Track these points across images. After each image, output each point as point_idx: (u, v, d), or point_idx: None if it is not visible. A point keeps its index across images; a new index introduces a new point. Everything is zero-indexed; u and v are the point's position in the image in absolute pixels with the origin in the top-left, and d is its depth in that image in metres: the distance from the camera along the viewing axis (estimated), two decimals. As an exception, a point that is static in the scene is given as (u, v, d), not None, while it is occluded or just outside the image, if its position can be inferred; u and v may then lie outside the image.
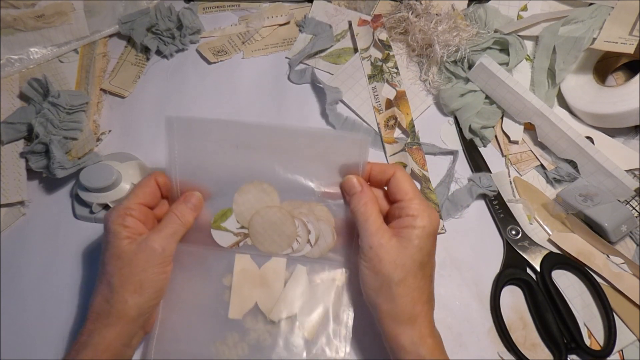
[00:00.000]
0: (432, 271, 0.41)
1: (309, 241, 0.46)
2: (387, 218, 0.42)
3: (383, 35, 0.62)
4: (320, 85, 0.59)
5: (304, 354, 0.43)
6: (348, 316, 0.44)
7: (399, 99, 0.58)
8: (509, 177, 0.55)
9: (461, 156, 0.56)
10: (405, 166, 0.54)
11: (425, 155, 0.56)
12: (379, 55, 0.61)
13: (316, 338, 0.43)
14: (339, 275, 0.45)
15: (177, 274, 0.44)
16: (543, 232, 0.52)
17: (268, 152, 0.46)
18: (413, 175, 0.54)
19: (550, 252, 0.49)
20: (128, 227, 0.40)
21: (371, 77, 0.60)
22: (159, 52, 0.64)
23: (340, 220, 0.45)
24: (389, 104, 0.58)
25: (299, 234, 0.46)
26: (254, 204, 0.46)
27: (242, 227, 0.47)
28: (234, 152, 0.46)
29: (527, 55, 0.59)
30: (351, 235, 0.45)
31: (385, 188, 0.44)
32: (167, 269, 0.41)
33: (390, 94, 0.59)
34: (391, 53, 0.61)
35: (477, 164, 0.55)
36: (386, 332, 0.39)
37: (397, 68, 0.60)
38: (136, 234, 0.41)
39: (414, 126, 0.57)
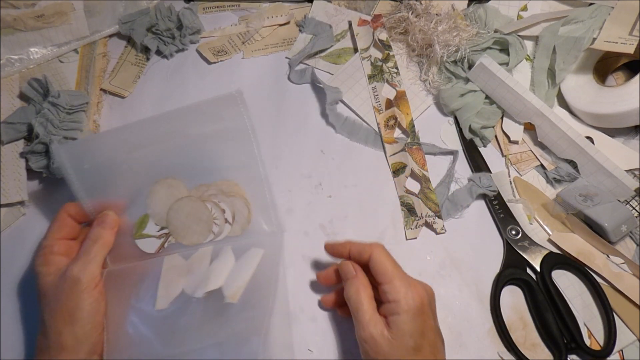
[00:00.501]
0: (431, 348, 0.39)
1: (226, 220, 0.46)
2: (379, 301, 0.42)
3: (383, 35, 0.61)
4: (321, 85, 0.59)
5: (231, 318, 0.43)
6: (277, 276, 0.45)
7: (399, 99, 0.58)
8: (509, 177, 0.55)
9: (461, 156, 0.56)
10: (405, 166, 0.54)
11: (425, 155, 0.56)
12: (379, 55, 0.61)
13: (242, 301, 0.43)
14: (260, 252, 0.45)
15: (115, 295, 0.44)
16: (543, 232, 0.52)
17: (160, 146, 0.46)
18: (413, 175, 0.54)
19: (550, 252, 0.49)
20: (50, 265, 0.41)
21: (371, 77, 0.59)
22: (159, 52, 0.64)
23: (252, 188, 0.45)
24: (389, 104, 0.58)
25: (215, 216, 0.46)
26: (165, 202, 0.47)
27: (162, 228, 0.47)
28: (131, 158, 0.46)
29: (527, 55, 0.59)
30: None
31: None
32: (93, 293, 0.41)
33: (390, 94, 0.59)
34: (391, 53, 0.60)
35: (477, 164, 0.55)
36: None
37: (397, 68, 0.60)
38: (59, 269, 0.41)
39: (414, 126, 0.57)
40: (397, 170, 0.54)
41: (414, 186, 0.54)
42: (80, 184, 0.45)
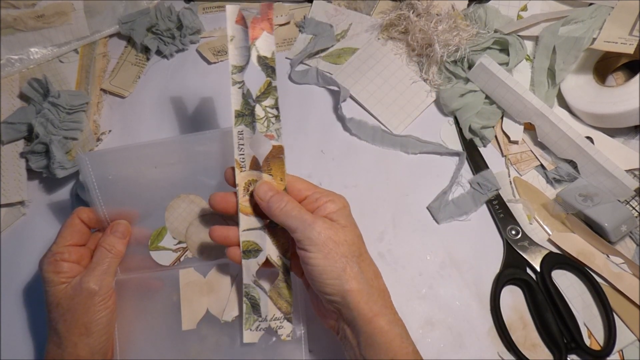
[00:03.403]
0: (365, 247, 0.40)
1: None
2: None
3: (268, 49, 0.41)
4: (330, 88, 0.58)
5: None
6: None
7: (273, 158, 0.41)
8: (509, 177, 0.55)
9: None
10: (259, 250, 0.42)
11: (428, 155, 0.56)
12: (257, 86, 0.41)
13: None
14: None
15: (127, 304, 0.44)
16: (543, 232, 0.52)
17: (185, 163, 0.46)
18: (267, 263, 0.42)
19: (550, 252, 0.49)
20: (61, 272, 0.41)
21: (239, 117, 0.41)
22: (159, 52, 0.64)
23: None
24: (255, 163, 0.41)
25: None
26: (185, 217, 0.47)
27: (180, 242, 0.47)
28: (155, 172, 0.46)
29: (527, 55, 0.59)
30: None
31: None
32: (108, 304, 0.41)
33: (263, 148, 0.41)
34: (273, 83, 0.41)
35: (477, 164, 0.55)
36: (362, 317, 0.36)
37: (277, 109, 0.41)
38: (71, 277, 0.41)
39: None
40: (248, 252, 0.41)
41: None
42: (100, 191, 0.45)
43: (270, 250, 0.42)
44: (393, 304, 0.39)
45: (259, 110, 0.41)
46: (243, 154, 0.41)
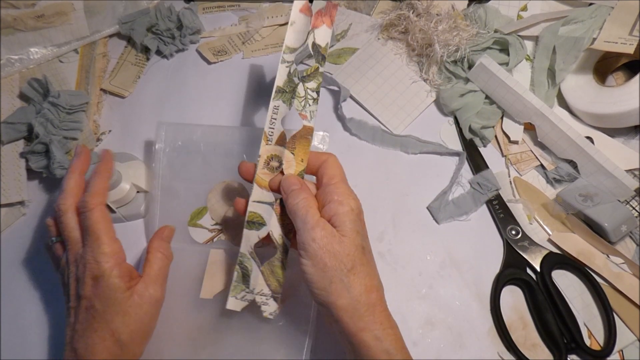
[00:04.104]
0: (372, 254, 0.40)
1: None
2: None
3: (324, 39, 0.45)
4: (330, 88, 0.58)
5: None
6: None
7: (300, 138, 0.43)
8: (509, 177, 0.55)
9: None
10: (262, 224, 0.42)
11: (428, 155, 0.56)
12: (306, 66, 0.46)
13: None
14: None
15: None
16: (543, 232, 0.52)
17: (239, 152, 0.51)
18: (268, 238, 0.43)
19: (550, 252, 0.49)
20: (124, 276, 0.40)
21: (279, 93, 0.43)
22: (159, 52, 0.64)
23: None
24: (282, 139, 0.43)
25: None
26: (226, 202, 0.51)
27: (216, 224, 0.51)
28: (212, 155, 0.51)
29: (527, 55, 0.59)
30: None
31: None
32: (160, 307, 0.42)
33: (294, 125, 0.44)
34: (321, 69, 0.45)
35: (477, 164, 0.55)
36: (347, 330, 0.36)
37: (317, 93, 0.44)
38: (128, 278, 0.40)
39: (303, 178, 0.43)
40: (252, 223, 0.42)
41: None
42: (164, 157, 0.51)
43: (274, 227, 0.42)
44: (387, 317, 0.37)
45: (300, 89, 0.44)
46: (273, 128, 0.43)
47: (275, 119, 0.43)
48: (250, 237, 0.42)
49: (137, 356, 0.40)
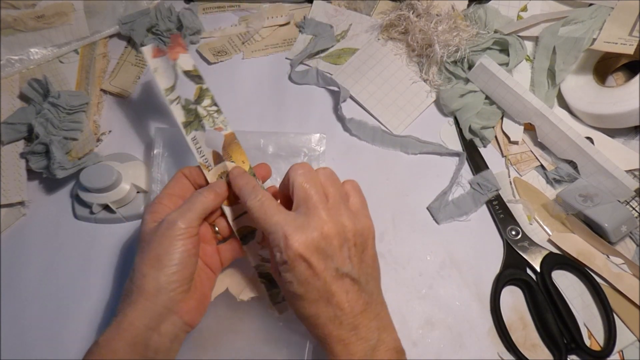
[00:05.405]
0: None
1: None
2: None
3: (188, 64, 0.47)
4: (330, 88, 0.58)
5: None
6: None
7: (229, 146, 0.45)
8: (509, 177, 0.55)
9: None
10: (253, 230, 0.44)
11: (428, 155, 0.56)
12: (190, 94, 0.47)
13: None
14: None
15: None
16: (543, 233, 0.52)
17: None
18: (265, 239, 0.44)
19: (550, 253, 0.49)
20: (155, 213, 0.41)
21: (187, 125, 0.45)
22: (159, 53, 0.64)
23: None
24: (217, 157, 0.45)
25: None
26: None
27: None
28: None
29: (527, 56, 0.59)
30: None
31: None
32: (186, 243, 0.39)
33: (217, 140, 0.45)
34: (204, 86, 0.47)
35: (477, 164, 0.55)
36: (323, 346, 0.37)
37: (216, 105, 0.46)
38: (162, 217, 0.41)
39: (254, 174, 0.44)
40: (245, 237, 0.43)
41: None
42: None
43: None
44: (371, 333, 0.36)
45: (201, 111, 0.46)
46: (204, 155, 0.44)
47: (200, 148, 0.44)
48: (251, 248, 0.43)
49: (145, 282, 0.38)
